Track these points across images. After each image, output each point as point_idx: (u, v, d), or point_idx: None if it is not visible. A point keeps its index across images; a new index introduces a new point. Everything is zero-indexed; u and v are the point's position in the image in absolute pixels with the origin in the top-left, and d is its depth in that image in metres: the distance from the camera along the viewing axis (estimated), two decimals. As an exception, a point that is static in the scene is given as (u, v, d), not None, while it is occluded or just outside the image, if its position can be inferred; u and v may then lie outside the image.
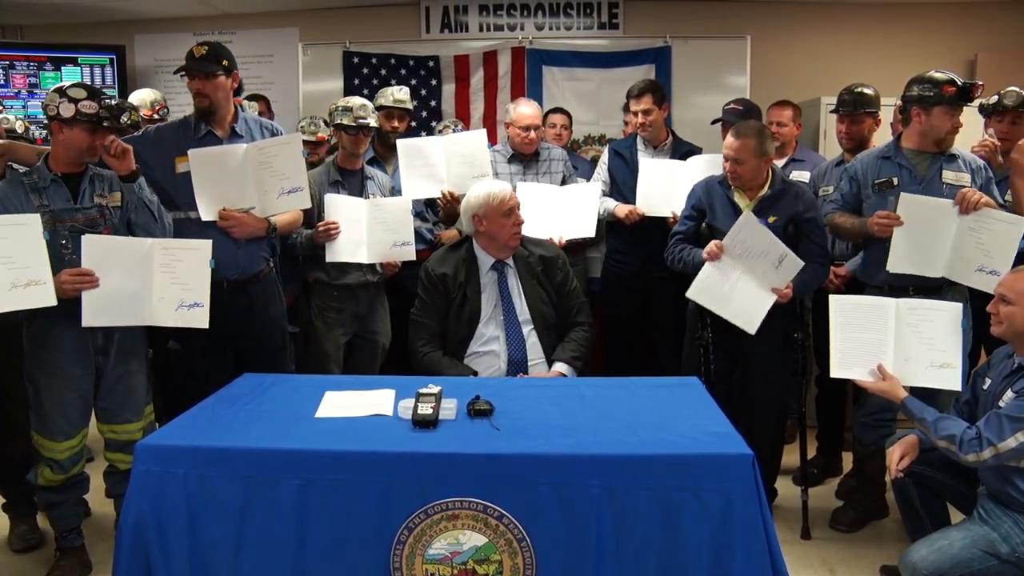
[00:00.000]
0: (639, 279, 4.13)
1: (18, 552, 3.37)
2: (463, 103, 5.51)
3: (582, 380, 3.01)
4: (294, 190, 3.28)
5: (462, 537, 2.09)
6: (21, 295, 2.65)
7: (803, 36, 5.52)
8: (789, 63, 5.44)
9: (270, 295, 3.42)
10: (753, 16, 5.47)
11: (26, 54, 5.66)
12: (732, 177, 3.36)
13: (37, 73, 5.63)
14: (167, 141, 3.26)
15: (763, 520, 2.05)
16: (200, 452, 2.19)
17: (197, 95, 3.20)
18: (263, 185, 3.24)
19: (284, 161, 3.25)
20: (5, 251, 2.63)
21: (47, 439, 2.96)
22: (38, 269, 2.68)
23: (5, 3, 5.48)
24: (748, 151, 3.29)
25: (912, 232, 3.11)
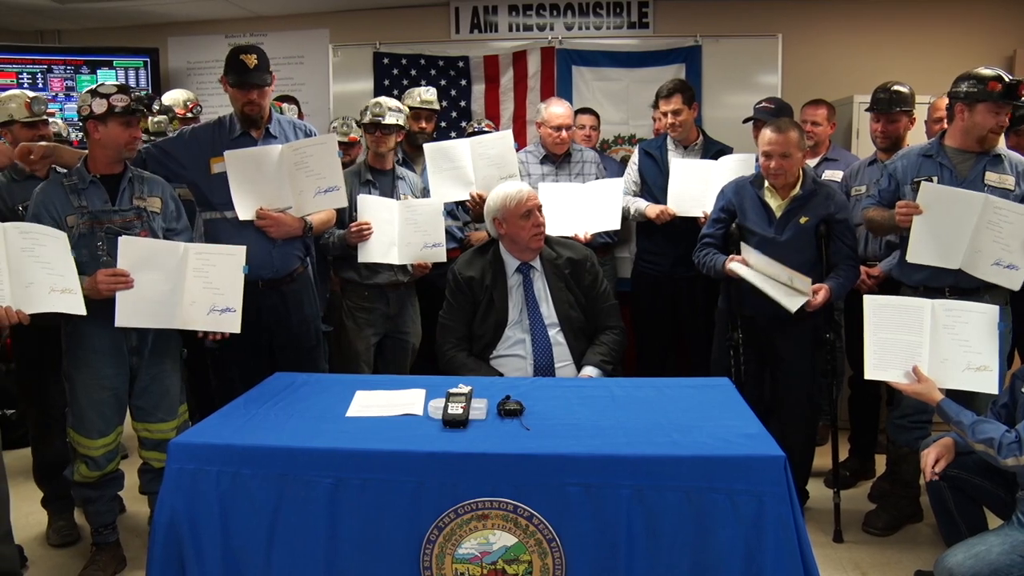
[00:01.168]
0: (669, 280, 4.11)
1: (56, 547, 3.45)
2: (493, 103, 5.50)
3: (612, 380, 3.00)
4: (330, 189, 3.30)
5: (492, 537, 2.09)
6: (58, 299, 2.71)
7: (836, 34, 5.44)
8: (821, 61, 5.38)
9: (305, 294, 3.45)
10: (784, 14, 5.41)
11: (63, 58, 5.75)
12: (776, 174, 3.31)
13: (74, 76, 5.71)
14: (202, 142, 3.29)
15: (795, 523, 2.03)
16: (232, 450, 2.21)
17: (249, 104, 3.22)
18: (299, 185, 3.26)
19: (319, 161, 3.27)
20: (45, 256, 2.70)
21: (83, 436, 3.01)
22: (70, 279, 2.74)
23: (44, 8, 5.57)
24: (793, 144, 3.26)
25: (932, 223, 3.06)
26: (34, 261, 2.66)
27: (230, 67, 3.20)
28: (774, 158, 3.28)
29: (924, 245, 3.09)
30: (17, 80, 5.59)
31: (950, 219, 3.04)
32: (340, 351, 3.83)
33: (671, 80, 4.28)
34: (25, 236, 2.67)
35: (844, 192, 3.78)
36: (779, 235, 3.34)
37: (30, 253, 2.66)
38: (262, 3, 5.64)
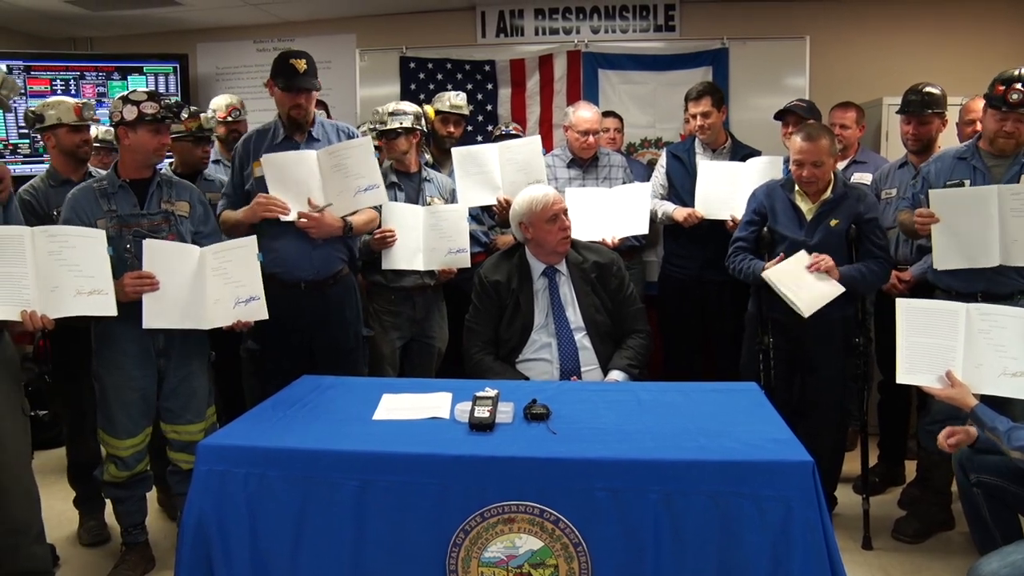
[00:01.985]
0: (697, 283, 4.09)
1: (87, 546, 3.51)
2: (519, 107, 5.51)
3: (639, 384, 2.98)
4: (370, 187, 3.34)
5: (518, 541, 2.09)
6: (85, 302, 2.73)
7: (864, 35, 5.40)
8: (850, 63, 5.33)
9: (347, 297, 3.47)
10: (812, 16, 5.38)
11: (95, 64, 5.82)
12: (808, 182, 3.29)
13: (105, 83, 5.79)
14: (249, 146, 3.37)
15: (823, 529, 2.01)
16: (260, 452, 2.22)
17: (296, 107, 3.28)
18: (337, 187, 3.30)
19: (357, 162, 3.31)
20: (73, 259, 2.72)
21: (112, 437, 3.05)
22: (102, 280, 2.77)
23: (76, 16, 5.65)
24: (825, 152, 3.23)
25: (952, 227, 3.03)
26: (60, 264, 2.70)
27: (280, 71, 3.25)
28: (806, 166, 3.25)
29: (949, 250, 3.06)
30: (51, 87, 5.67)
31: (970, 219, 3.01)
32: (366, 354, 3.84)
33: (700, 83, 4.26)
34: (52, 239, 2.70)
35: (874, 195, 3.74)
36: (809, 238, 3.31)
37: (57, 256, 2.69)
38: (290, 9, 5.69)
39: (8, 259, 2.60)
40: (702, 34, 5.40)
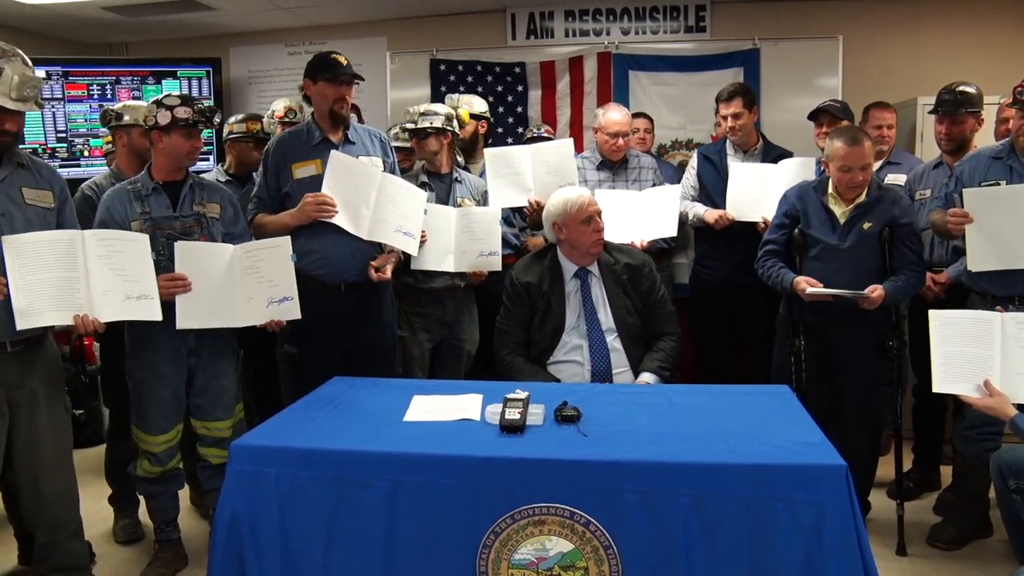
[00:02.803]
0: (728, 286, 4.06)
1: (121, 544, 3.56)
2: (549, 109, 5.51)
3: (670, 387, 2.97)
4: (408, 234, 3.40)
5: (548, 543, 2.09)
6: (134, 306, 2.78)
7: (898, 34, 5.32)
8: (884, 63, 5.26)
9: (383, 298, 3.50)
10: (845, 16, 5.32)
11: (130, 69, 5.90)
12: (856, 186, 3.24)
13: (140, 87, 5.86)
14: (284, 148, 3.37)
15: (857, 534, 1.99)
16: (292, 453, 2.25)
17: (340, 100, 3.30)
18: (382, 213, 3.32)
19: (408, 207, 3.39)
20: (121, 263, 2.76)
21: (145, 433, 3.10)
22: (147, 284, 2.81)
23: (112, 22, 5.74)
24: (870, 154, 3.21)
25: (988, 227, 2.98)
26: (110, 268, 2.73)
27: (322, 66, 3.28)
28: (855, 171, 3.20)
29: (984, 251, 3.00)
30: (87, 91, 5.76)
31: (1006, 219, 2.95)
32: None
33: (731, 83, 4.24)
34: (102, 243, 2.74)
35: (908, 195, 3.69)
36: (842, 242, 3.28)
37: (106, 260, 2.73)
38: (321, 12, 5.73)
39: (62, 263, 2.63)
40: (733, 35, 5.37)
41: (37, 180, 2.69)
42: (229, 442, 2.69)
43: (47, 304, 2.58)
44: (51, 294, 2.60)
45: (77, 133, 5.38)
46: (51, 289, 2.60)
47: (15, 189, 2.61)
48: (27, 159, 2.70)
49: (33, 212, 2.65)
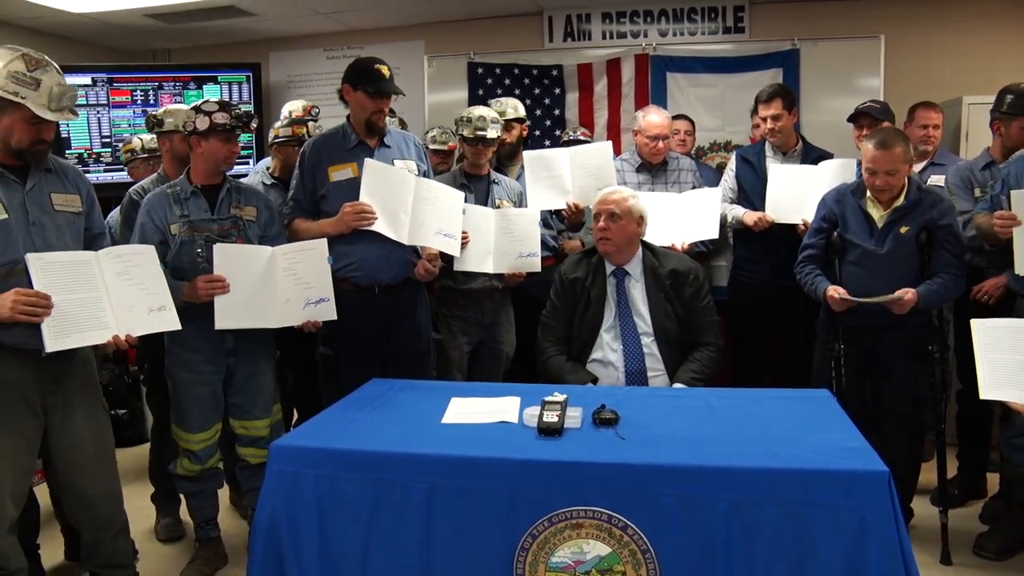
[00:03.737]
0: (768, 288, 4.01)
1: (163, 542, 3.63)
2: (587, 112, 5.50)
3: (709, 390, 2.94)
4: (449, 235, 3.41)
5: (586, 546, 2.08)
6: (157, 318, 2.80)
7: (942, 33, 5.23)
8: (927, 62, 5.18)
9: (418, 300, 3.51)
10: (887, 14, 5.24)
11: (172, 75, 6.01)
12: (883, 191, 3.19)
13: (182, 92, 5.96)
14: (320, 151, 3.38)
15: (900, 542, 1.96)
16: (330, 454, 2.27)
17: (378, 113, 3.30)
18: (420, 217, 3.33)
19: (445, 206, 3.39)
20: (139, 277, 2.78)
21: (184, 431, 3.16)
22: (162, 295, 2.83)
23: (155, 29, 5.85)
24: (900, 160, 3.13)
25: None
26: (130, 284, 2.75)
27: (365, 77, 3.26)
28: (879, 175, 3.15)
29: None
30: (131, 97, 5.87)
31: None
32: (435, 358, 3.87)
33: (770, 85, 4.20)
34: (117, 260, 2.75)
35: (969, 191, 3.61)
36: (880, 247, 3.23)
37: (125, 276, 2.74)
38: (359, 17, 5.79)
39: (83, 284, 2.63)
40: (772, 35, 5.32)
41: (65, 184, 2.70)
42: (267, 442, 2.72)
43: (75, 326, 2.59)
44: (78, 316, 2.60)
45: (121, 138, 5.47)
46: (77, 310, 2.60)
47: (44, 196, 2.62)
48: (54, 163, 2.71)
49: (63, 218, 2.66)
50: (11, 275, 2.49)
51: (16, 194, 2.55)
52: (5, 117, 2.46)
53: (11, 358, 2.54)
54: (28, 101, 2.43)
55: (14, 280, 2.48)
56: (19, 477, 2.62)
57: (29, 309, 2.44)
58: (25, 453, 2.63)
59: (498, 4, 5.50)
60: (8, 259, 2.49)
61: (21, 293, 2.44)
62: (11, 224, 2.51)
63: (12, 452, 2.58)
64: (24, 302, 2.43)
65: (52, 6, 5.06)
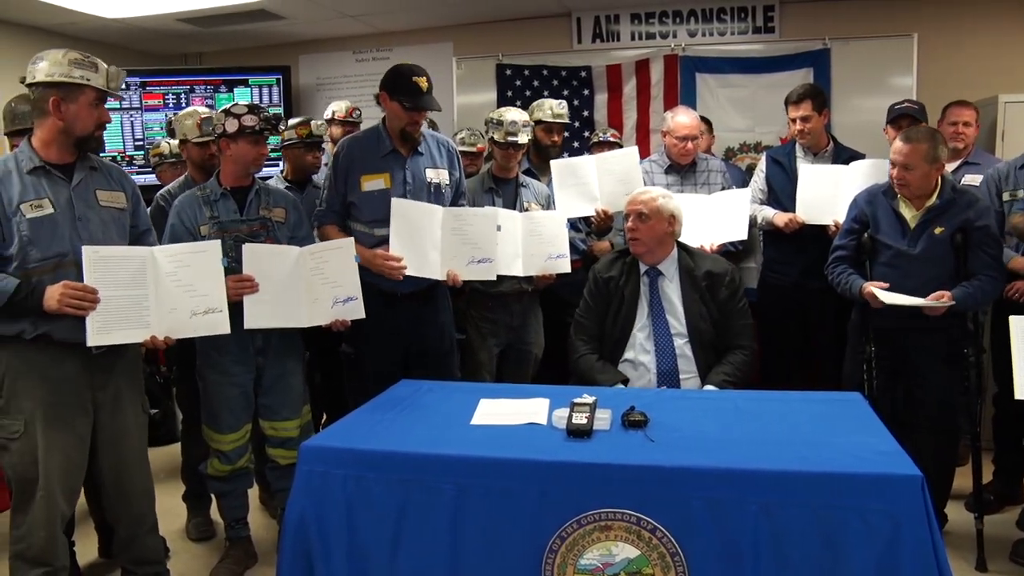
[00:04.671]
0: (798, 290, 3.98)
1: (194, 541, 3.67)
2: (616, 113, 5.49)
3: (738, 393, 2.93)
4: (484, 260, 3.39)
5: (615, 548, 2.08)
6: (200, 322, 2.84)
7: (977, 30, 5.12)
8: (961, 60, 5.09)
9: (441, 302, 3.52)
10: (920, 12, 5.16)
11: (203, 78, 6.08)
12: (899, 184, 3.18)
13: (213, 95, 6.03)
14: (353, 156, 3.37)
15: (934, 547, 1.93)
16: (359, 455, 2.28)
17: (413, 125, 3.29)
18: (452, 250, 3.33)
19: (478, 233, 3.38)
20: (188, 279, 2.82)
21: (215, 432, 3.19)
22: (216, 297, 2.86)
23: (187, 33, 5.92)
24: (918, 156, 3.10)
25: None
26: (176, 285, 2.79)
27: (403, 89, 3.23)
28: (897, 167, 3.16)
29: None
30: (163, 100, 5.94)
31: None
32: (463, 360, 3.87)
33: (800, 85, 4.16)
34: (170, 259, 2.81)
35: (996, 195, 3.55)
36: (912, 248, 3.19)
37: (173, 277, 2.79)
38: (388, 20, 5.81)
39: (134, 281, 2.70)
40: (802, 35, 5.26)
41: (110, 182, 2.78)
42: (296, 443, 2.74)
43: (118, 323, 2.65)
44: (122, 313, 2.66)
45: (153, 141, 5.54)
46: (123, 307, 2.67)
47: (90, 192, 2.70)
48: (98, 162, 2.79)
49: (107, 214, 2.74)
50: (60, 267, 2.59)
51: (63, 190, 2.63)
52: (71, 104, 2.59)
53: (63, 353, 2.62)
54: (93, 81, 2.58)
55: (62, 272, 2.58)
56: (71, 473, 2.69)
57: (76, 302, 2.54)
58: (77, 449, 2.69)
59: (526, 6, 5.50)
60: (55, 252, 2.59)
61: (69, 286, 2.53)
62: (58, 219, 2.60)
63: (64, 448, 2.65)
64: (72, 295, 2.53)
65: (87, 12, 5.14)
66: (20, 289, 2.51)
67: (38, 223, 2.56)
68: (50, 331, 2.58)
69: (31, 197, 2.57)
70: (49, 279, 2.56)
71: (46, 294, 2.52)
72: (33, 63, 2.58)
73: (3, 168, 2.58)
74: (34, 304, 2.52)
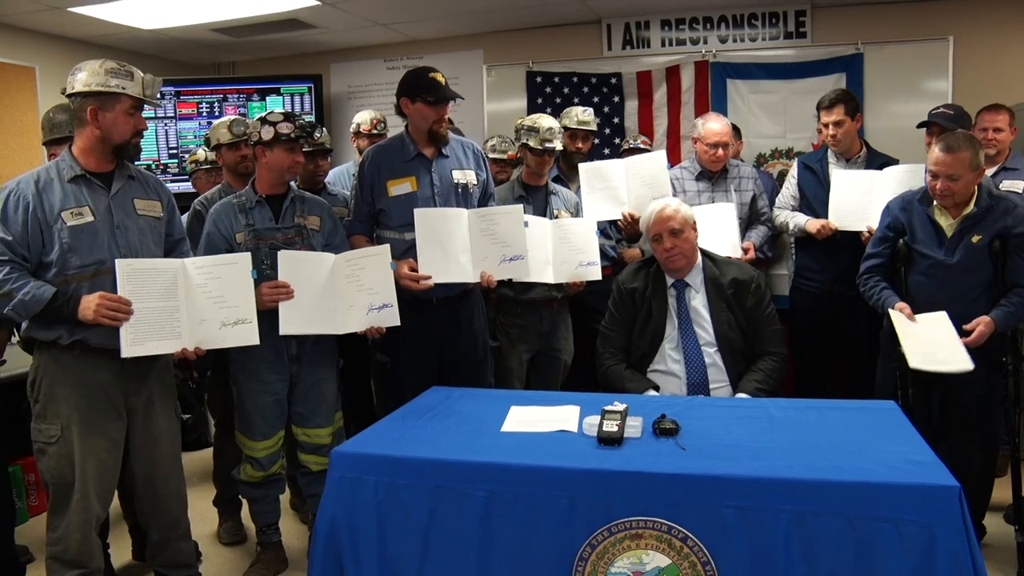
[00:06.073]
0: (831, 298, 3.94)
1: (225, 545, 3.70)
2: (646, 119, 5.47)
3: (771, 401, 2.88)
4: (515, 257, 3.35)
5: (645, 557, 2.07)
6: (229, 333, 2.87)
7: (1014, 32, 5.04)
8: (998, 64, 5.01)
9: (475, 309, 3.52)
10: (955, 15, 5.08)
11: (236, 87, 6.16)
12: (942, 195, 3.09)
13: (246, 104, 6.10)
14: (379, 163, 3.39)
15: (972, 560, 1.90)
16: (390, 461, 2.29)
17: (439, 121, 3.30)
18: (482, 251, 3.31)
19: (507, 232, 3.34)
20: (218, 291, 2.85)
21: (248, 439, 3.21)
22: (245, 308, 2.89)
23: (221, 43, 6.00)
24: (963, 165, 3.02)
25: None
26: (207, 297, 2.83)
27: (423, 86, 3.26)
28: (940, 179, 3.06)
29: None
30: (197, 109, 6.02)
31: None
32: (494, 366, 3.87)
33: (833, 90, 4.13)
34: (200, 271, 2.85)
35: None
36: (949, 257, 3.14)
37: (203, 289, 2.83)
38: (419, 28, 5.84)
39: (164, 293, 2.74)
40: (835, 39, 5.21)
41: (147, 191, 2.83)
42: (329, 449, 2.76)
43: (149, 334, 2.70)
44: (154, 324, 2.71)
45: (187, 149, 5.62)
46: (154, 319, 2.71)
47: (128, 200, 2.75)
48: (136, 171, 2.84)
49: (144, 222, 2.79)
50: (98, 274, 2.65)
51: (102, 198, 2.69)
52: (108, 113, 2.64)
53: (98, 359, 2.67)
54: (129, 90, 2.64)
55: (99, 280, 2.64)
56: (105, 477, 2.73)
57: (111, 313, 2.59)
58: (111, 453, 2.74)
59: (556, 13, 5.51)
60: (95, 259, 2.65)
61: (105, 297, 2.59)
62: (97, 227, 2.66)
63: (99, 452, 2.69)
64: (107, 306, 2.59)
65: (124, 23, 5.22)
66: (57, 297, 2.55)
67: (78, 231, 2.61)
68: (85, 337, 2.62)
69: (72, 205, 2.63)
70: (87, 286, 2.61)
71: (82, 304, 2.57)
72: (72, 74, 2.64)
73: (46, 176, 2.64)
74: (69, 313, 2.57)
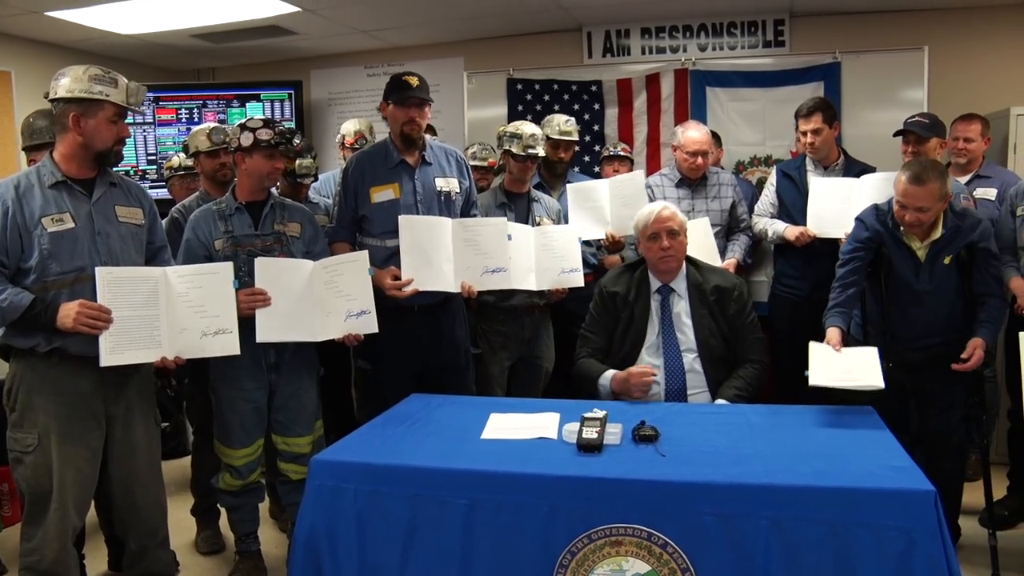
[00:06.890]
0: (809, 304, 3.95)
1: (203, 554, 3.67)
2: (626, 127, 5.48)
3: (750, 407, 2.91)
4: (497, 270, 3.37)
5: (625, 564, 2.07)
6: (210, 343, 2.86)
7: (989, 43, 5.09)
8: (973, 73, 5.06)
9: (457, 317, 3.51)
10: (931, 26, 5.14)
11: (216, 93, 6.12)
12: (911, 226, 3.07)
13: (225, 110, 6.06)
14: (363, 169, 3.40)
15: (948, 563, 1.92)
16: (370, 469, 2.28)
17: (409, 123, 3.31)
18: (465, 261, 3.33)
19: (490, 243, 3.36)
20: (199, 300, 2.84)
21: (226, 447, 3.19)
22: (226, 318, 2.88)
23: (201, 49, 5.96)
24: (933, 197, 2.98)
25: None
26: (188, 306, 2.82)
27: (393, 88, 3.31)
28: (909, 210, 3.02)
29: None
30: (176, 115, 5.99)
31: None
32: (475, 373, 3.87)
33: (811, 98, 4.16)
34: (182, 280, 2.83)
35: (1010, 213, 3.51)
36: (927, 284, 3.13)
37: (184, 298, 2.82)
38: (400, 35, 5.83)
39: (144, 302, 2.72)
40: (813, 48, 5.25)
41: (128, 198, 2.81)
42: (308, 458, 2.74)
43: (130, 343, 2.67)
44: (134, 333, 2.69)
45: (166, 156, 5.58)
46: (134, 327, 2.69)
47: (109, 207, 2.73)
48: (118, 178, 2.82)
49: (126, 229, 2.76)
50: (78, 282, 2.62)
51: (83, 205, 2.67)
52: (90, 120, 2.61)
53: (77, 367, 2.64)
54: (112, 97, 2.61)
55: (79, 287, 2.62)
56: (84, 487, 2.71)
57: (91, 322, 2.56)
58: (90, 462, 2.71)
59: (537, 20, 5.51)
60: (75, 266, 2.62)
61: (85, 305, 2.56)
62: (78, 233, 2.63)
63: (78, 461, 2.66)
64: (87, 314, 2.56)
65: (101, 28, 5.18)
66: (35, 304, 2.53)
67: (58, 237, 2.59)
68: (64, 345, 2.60)
69: (52, 211, 2.60)
70: (67, 294, 2.59)
71: (60, 312, 2.54)
72: (55, 79, 2.62)
73: (26, 182, 2.62)
74: (48, 320, 2.54)
